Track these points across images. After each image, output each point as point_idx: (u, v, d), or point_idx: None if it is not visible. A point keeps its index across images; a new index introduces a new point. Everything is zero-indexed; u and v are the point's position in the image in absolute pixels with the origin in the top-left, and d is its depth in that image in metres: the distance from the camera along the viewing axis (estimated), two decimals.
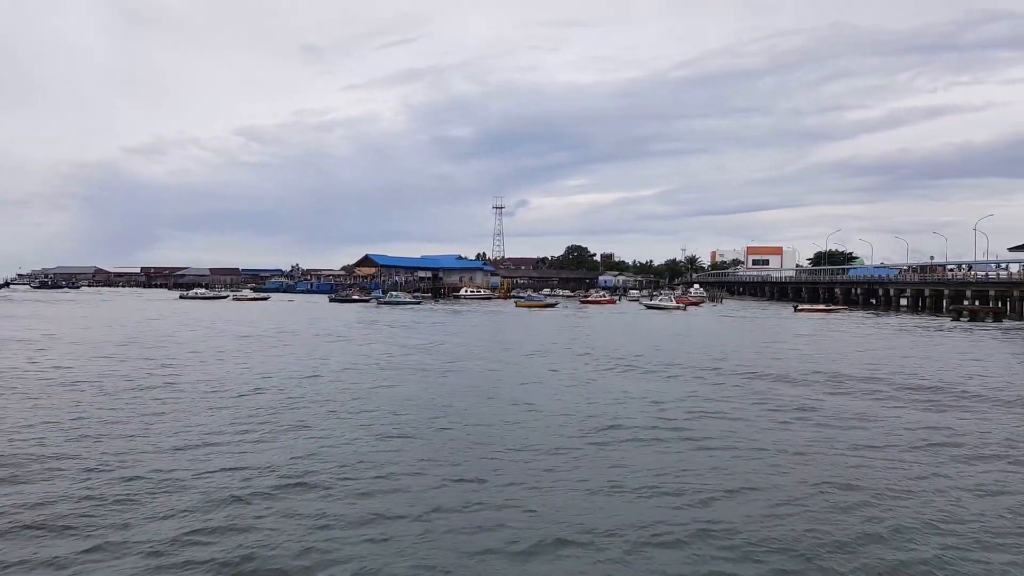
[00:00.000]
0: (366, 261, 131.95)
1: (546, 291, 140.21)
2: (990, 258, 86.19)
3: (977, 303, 73.11)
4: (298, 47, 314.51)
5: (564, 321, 62.25)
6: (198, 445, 14.21)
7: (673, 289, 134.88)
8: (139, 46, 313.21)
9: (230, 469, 12.53)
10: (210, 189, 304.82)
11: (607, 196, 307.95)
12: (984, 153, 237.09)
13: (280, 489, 11.44)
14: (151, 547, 9.06)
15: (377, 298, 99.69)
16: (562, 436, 15.60)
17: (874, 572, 8.67)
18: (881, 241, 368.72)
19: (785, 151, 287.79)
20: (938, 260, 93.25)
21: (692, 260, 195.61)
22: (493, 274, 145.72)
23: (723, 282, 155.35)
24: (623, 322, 61.87)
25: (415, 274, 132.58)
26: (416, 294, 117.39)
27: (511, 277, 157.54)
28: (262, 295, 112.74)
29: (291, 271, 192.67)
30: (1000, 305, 73.14)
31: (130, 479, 11.80)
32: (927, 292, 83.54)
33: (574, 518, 10.28)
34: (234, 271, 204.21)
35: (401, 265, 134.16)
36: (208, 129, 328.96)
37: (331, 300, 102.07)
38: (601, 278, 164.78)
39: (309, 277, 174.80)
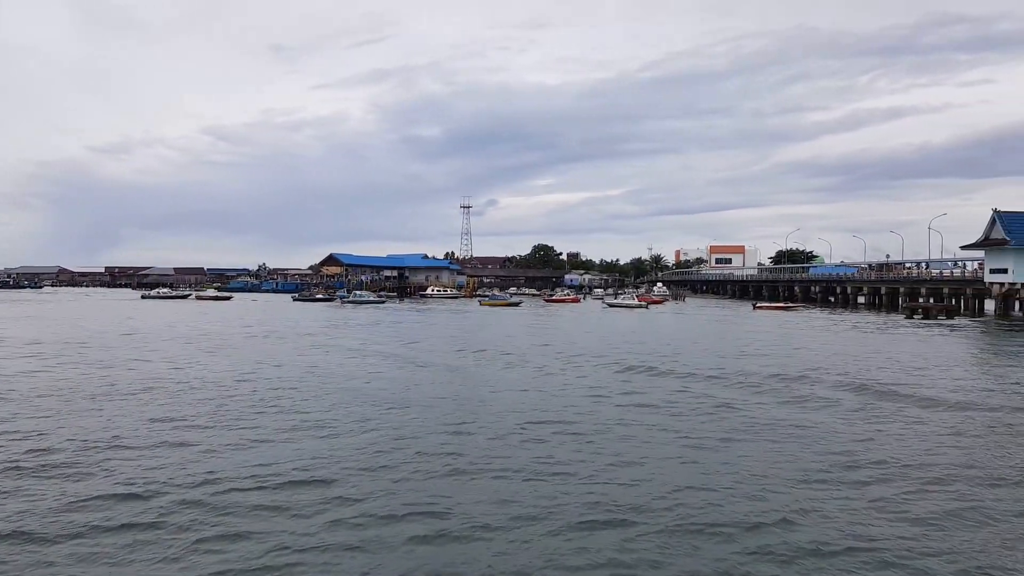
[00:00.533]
0: (331, 260, 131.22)
1: (512, 290, 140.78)
2: (946, 256, 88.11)
3: (932, 300, 74.89)
4: (266, 46, 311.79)
5: (524, 319, 62.61)
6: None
7: (637, 288, 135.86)
8: (105, 45, 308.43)
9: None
10: (177, 189, 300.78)
11: (575, 196, 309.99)
12: (942, 153, 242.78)
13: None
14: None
15: (341, 297, 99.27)
16: (494, 430, 15.99)
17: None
18: (842, 240, 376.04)
19: (749, 152, 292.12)
20: (895, 258, 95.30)
21: (657, 259, 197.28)
22: (459, 273, 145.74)
23: (687, 280, 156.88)
24: (583, 320, 62.40)
25: (381, 273, 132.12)
26: (381, 293, 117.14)
27: (477, 276, 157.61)
28: (225, 295, 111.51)
29: (258, 270, 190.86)
30: (953, 303, 75.02)
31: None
32: (883, 290, 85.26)
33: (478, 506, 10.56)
34: (199, 271, 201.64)
35: (366, 264, 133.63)
36: (175, 128, 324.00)
37: (295, 299, 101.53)
38: (567, 277, 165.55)
39: (275, 276, 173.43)
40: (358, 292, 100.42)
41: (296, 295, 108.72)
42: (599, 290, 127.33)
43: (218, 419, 16.87)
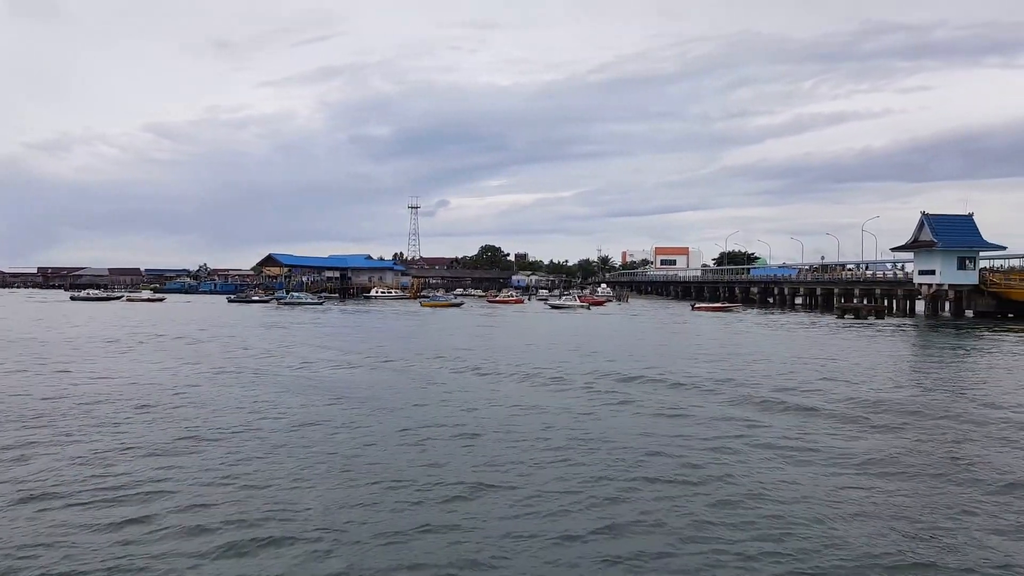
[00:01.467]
0: (270, 261, 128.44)
1: (458, 291, 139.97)
2: (882, 258, 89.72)
3: (865, 301, 76.17)
4: (211, 43, 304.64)
5: (459, 320, 61.76)
6: None
7: (583, 289, 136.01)
8: (42, 40, 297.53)
9: None
10: (118, 187, 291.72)
11: (527, 197, 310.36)
12: (882, 158, 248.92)
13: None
14: None
15: (279, 299, 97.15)
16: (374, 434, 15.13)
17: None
18: (787, 242, 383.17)
19: (697, 155, 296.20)
20: (830, 260, 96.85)
21: (605, 260, 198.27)
22: (404, 274, 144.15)
23: (633, 282, 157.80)
24: (518, 322, 61.86)
25: (323, 274, 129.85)
26: (322, 294, 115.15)
27: (424, 277, 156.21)
28: (158, 296, 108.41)
29: (197, 271, 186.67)
30: (884, 303, 76.42)
31: None
32: (818, 291, 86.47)
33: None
34: (135, 271, 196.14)
35: (307, 265, 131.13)
36: (116, 125, 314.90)
37: (230, 301, 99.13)
38: (514, 278, 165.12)
39: (215, 277, 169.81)
40: (295, 293, 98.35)
41: (232, 296, 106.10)
42: (544, 291, 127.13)
43: None
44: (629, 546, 9.30)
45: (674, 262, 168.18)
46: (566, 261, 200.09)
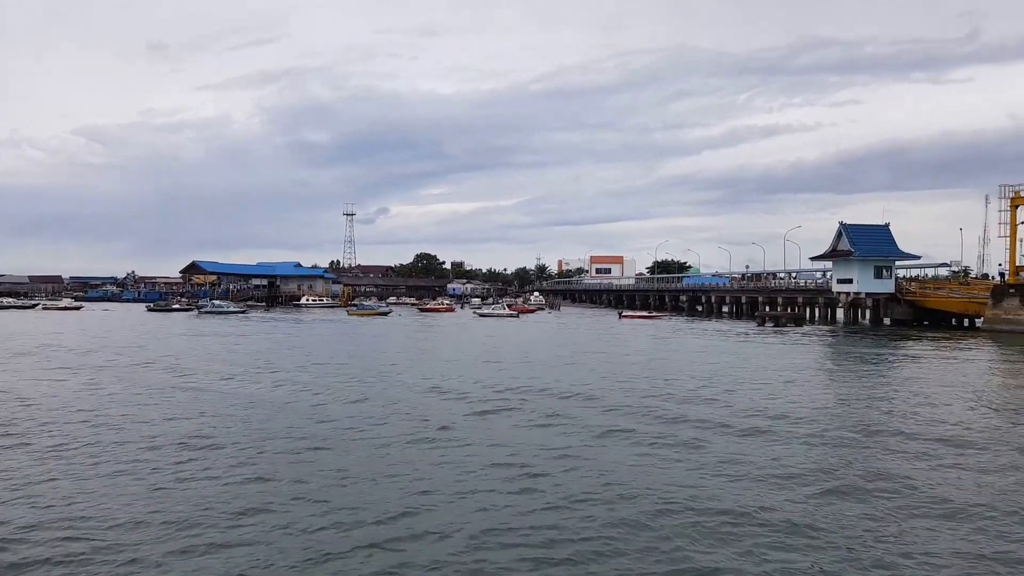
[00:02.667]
0: (194, 268, 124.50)
1: (392, 299, 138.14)
2: (805, 266, 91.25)
3: (788, 309, 77.42)
4: (145, 44, 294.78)
5: (381, 329, 60.36)
6: None
7: (516, 297, 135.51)
8: None
9: None
10: (46, 192, 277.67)
11: (468, 205, 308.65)
12: (814, 170, 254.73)
13: None
14: None
15: (200, 308, 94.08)
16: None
17: None
18: (722, 251, 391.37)
19: (636, 165, 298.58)
20: (755, 269, 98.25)
21: (542, 269, 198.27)
22: (335, 282, 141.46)
23: (568, 290, 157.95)
24: (441, 330, 60.84)
25: (250, 282, 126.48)
26: (249, 303, 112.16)
27: (357, 285, 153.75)
28: (75, 304, 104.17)
29: (125, 279, 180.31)
30: (807, 312, 77.86)
31: None
32: (744, 299, 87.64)
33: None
34: (56, 279, 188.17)
35: (234, 272, 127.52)
36: (45, 129, 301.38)
37: (149, 310, 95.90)
38: (450, 286, 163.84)
39: (142, 285, 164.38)
40: (216, 302, 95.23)
41: (152, 305, 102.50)
42: (477, 299, 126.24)
43: None
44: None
45: (609, 271, 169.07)
46: (505, 269, 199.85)
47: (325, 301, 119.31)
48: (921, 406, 21.25)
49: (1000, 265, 62.38)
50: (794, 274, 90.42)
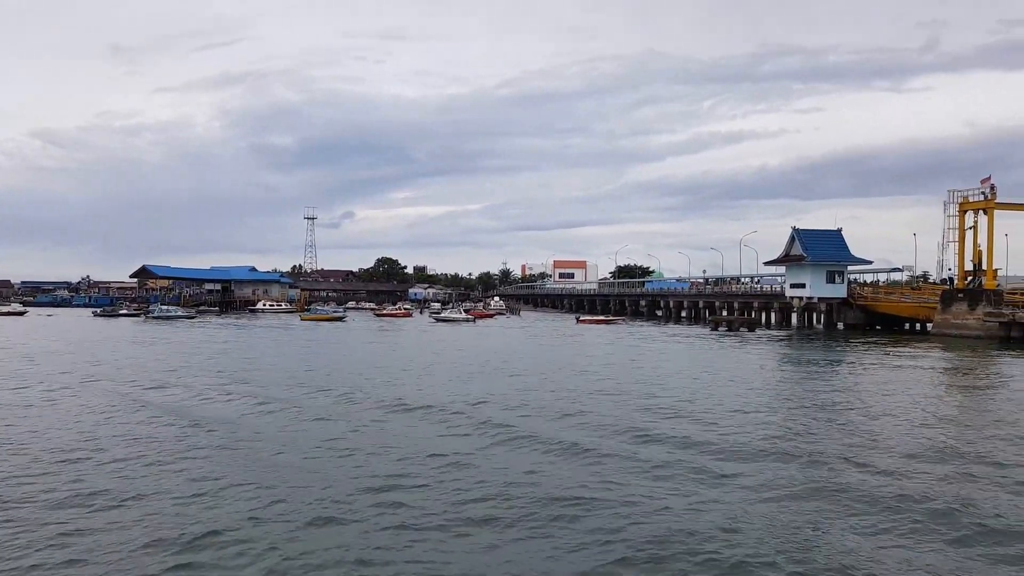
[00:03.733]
0: (144, 272, 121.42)
1: (351, 304, 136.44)
2: (763, 271, 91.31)
3: (745, 314, 77.18)
4: (104, 46, 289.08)
5: (332, 335, 58.81)
6: None
7: (477, 303, 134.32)
8: None
9: None
10: (2, 195, 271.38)
11: (435, 210, 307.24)
12: (778, 176, 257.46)
13: None
14: None
15: (148, 312, 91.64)
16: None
17: None
18: (685, 256, 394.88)
19: (603, 171, 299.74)
20: (713, 274, 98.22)
21: (506, 273, 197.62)
22: (292, 286, 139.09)
23: (532, 295, 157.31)
24: (393, 335, 59.49)
25: (203, 287, 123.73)
26: (201, 308, 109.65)
27: (316, 290, 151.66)
28: (20, 310, 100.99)
29: (79, 283, 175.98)
30: (763, 316, 77.65)
31: None
32: (701, 304, 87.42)
33: None
34: (6, 283, 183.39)
35: (186, 277, 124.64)
36: (0, 131, 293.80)
37: (96, 315, 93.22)
38: (412, 291, 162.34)
39: (95, 290, 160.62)
40: (163, 307, 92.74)
41: (99, 310, 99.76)
42: (437, 304, 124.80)
43: None
44: None
45: (572, 275, 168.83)
46: (470, 274, 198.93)
47: (284, 306, 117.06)
48: (842, 410, 20.54)
49: (949, 270, 62.53)
50: (756, 279, 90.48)
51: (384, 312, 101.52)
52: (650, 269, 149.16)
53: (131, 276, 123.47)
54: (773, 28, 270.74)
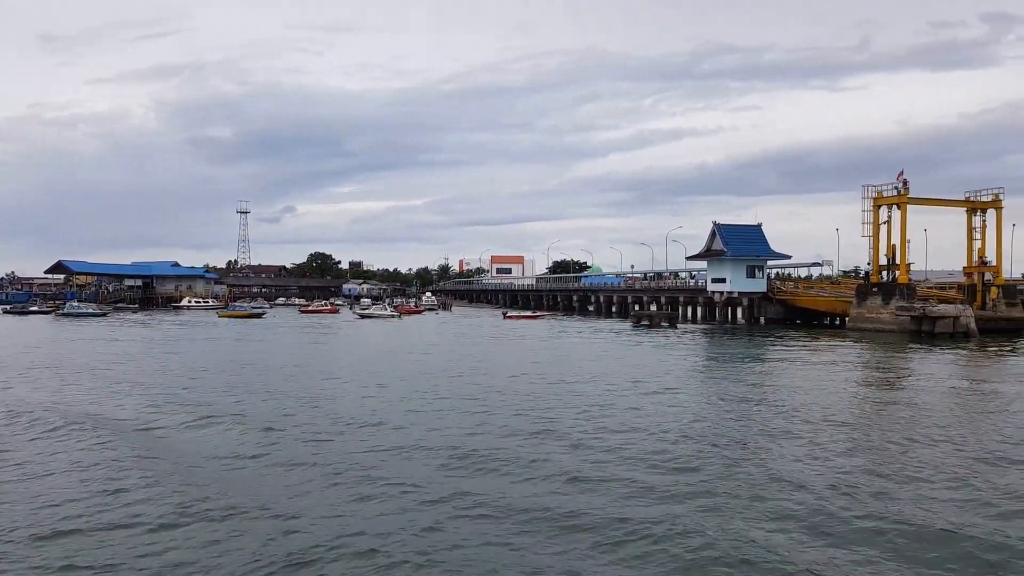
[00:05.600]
0: (60, 268, 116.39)
1: (281, 300, 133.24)
2: (688, 266, 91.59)
3: (670, 308, 77.11)
4: (35, 35, 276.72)
5: (242, 331, 56.59)
6: None
7: (410, 298, 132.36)
8: None
9: None
10: None
11: (379, 204, 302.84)
12: (717, 173, 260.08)
13: None
14: None
15: (59, 309, 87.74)
16: None
17: None
18: (631, 251, 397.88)
19: (548, 166, 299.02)
20: (639, 269, 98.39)
21: (445, 269, 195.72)
22: (218, 282, 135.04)
23: (469, 290, 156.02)
24: (301, 334, 57.57)
25: (123, 283, 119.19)
26: (119, 304, 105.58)
27: (245, 286, 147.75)
28: None
29: (2, 279, 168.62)
30: (682, 311, 77.72)
31: None
32: (630, 299, 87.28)
33: None
34: None
35: (105, 272, 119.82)
36: None
37: (5, 312, 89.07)
38: (346, 286, 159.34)
39: (17, 287, 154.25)
40: (74, 304, 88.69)
41: (8, 307, 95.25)
42: (367, 300, 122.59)
43: None
44: None
45: (510, 271, 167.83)
46: (410, 270, 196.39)
47: (210, 303, 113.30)
48: (718, 404, 19.81)
49: (868, 264, 63.20)
50: (693, 273, 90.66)
51: (309, 308, 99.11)
52: (587, 264, 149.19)
53: (46, 272, 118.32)
54: (712, 27, 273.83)
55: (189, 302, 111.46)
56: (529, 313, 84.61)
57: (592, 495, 11.75)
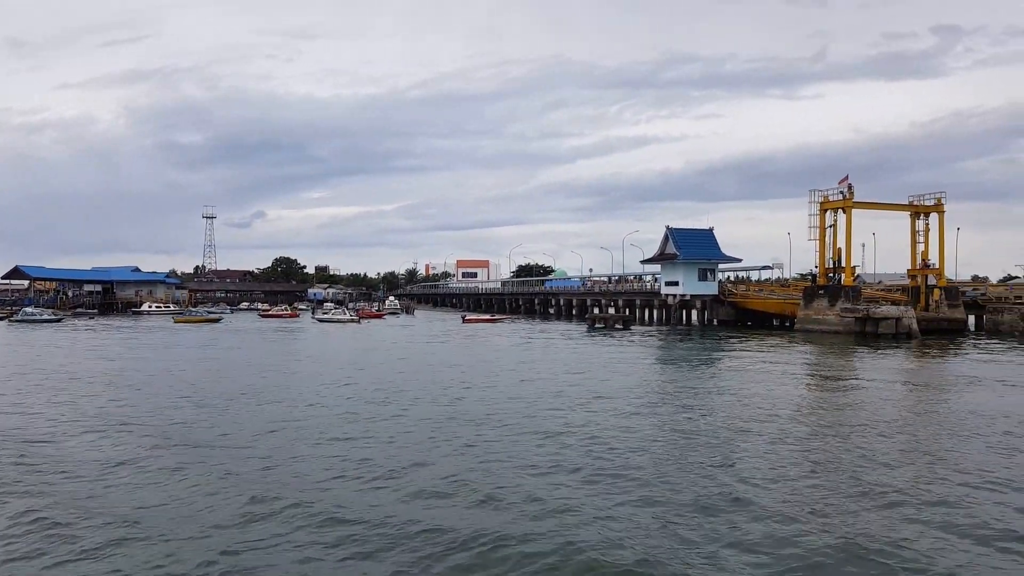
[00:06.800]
0: (16, 273, 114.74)
1: (244, 305, 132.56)
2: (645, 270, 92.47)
3: (627, 311, 78.06)
4: (3, 40, 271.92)
5: (194, 337, 56.37)
6: None
7: (373, 303, 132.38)
8: None
9: None
10: None
11: (349, 210, 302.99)
12: (679, 179, 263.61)
13: None
14: None
15: (14, 316, 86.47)
16: None
17: None
18: (593, 255, 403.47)
19: (515, 172, 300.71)
20: (599, 272, 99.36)
21: (412, 273, 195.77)
22: (179, 287, 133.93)
23: (434, 294, 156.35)
24: (254, 336, 57.48)
25: (83, 288, 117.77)
26: (77, 310, 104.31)
27: (208, 291, 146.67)
28: None
29: None
30: (637, 313, 78.73)
31: None
32: (588, 301, 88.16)
33: None
34: None
35: (63, 278, 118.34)
36: None
37: None
38: (311, 291, 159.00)
39: None
40: (28, 310, 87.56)
41: None
42: (330, 304, 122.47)
43: None
44: None
45: (475, 275, 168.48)
46: (378, 274, 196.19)
47: (172, 308, 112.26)
48: (655, 405, 20.46)
49: (815, 268, 64.55)
50: (657, 276, 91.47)
51: (270, 313, 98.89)
52: (551, 268, 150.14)
53: (3, 277, 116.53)
54: (674, 36, 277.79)
55: (150, 307, 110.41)
56: (488, 316, 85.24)
57: (445, 508, 11.55)
